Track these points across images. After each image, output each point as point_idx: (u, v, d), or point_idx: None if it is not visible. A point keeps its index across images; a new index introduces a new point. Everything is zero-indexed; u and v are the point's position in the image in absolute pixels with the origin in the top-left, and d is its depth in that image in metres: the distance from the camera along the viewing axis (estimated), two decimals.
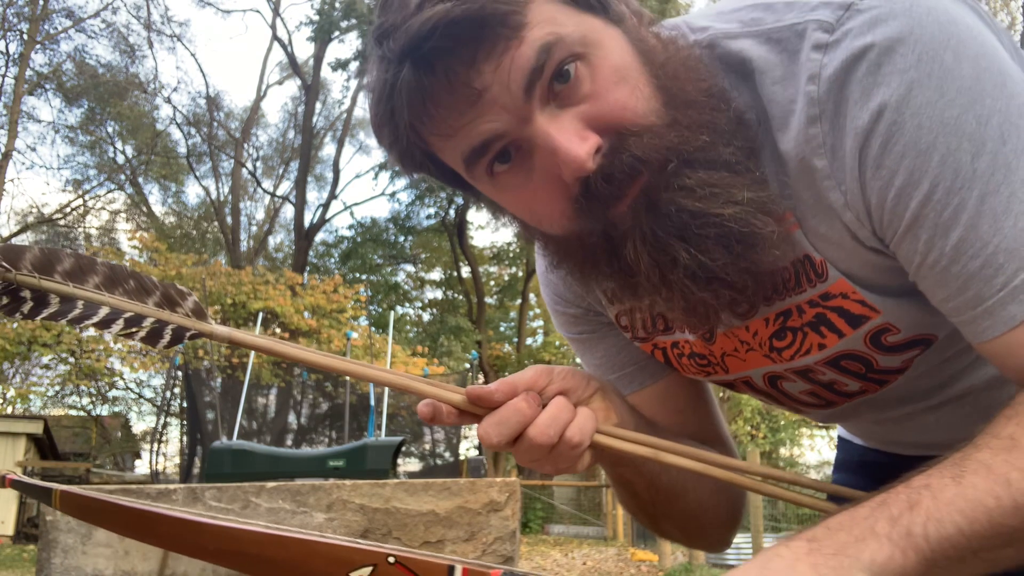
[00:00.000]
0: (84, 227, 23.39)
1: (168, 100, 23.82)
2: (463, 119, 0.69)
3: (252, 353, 10.69)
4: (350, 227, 24.96)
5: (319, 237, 24.65)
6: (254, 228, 26.57)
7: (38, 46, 20.48)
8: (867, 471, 1.04)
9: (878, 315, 0.74)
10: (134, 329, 0.70)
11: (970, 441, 0.64)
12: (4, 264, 0.68)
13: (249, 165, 25.13)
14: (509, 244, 23.49)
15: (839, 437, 1.16)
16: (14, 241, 21.83)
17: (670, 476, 0.86)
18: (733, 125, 0.70)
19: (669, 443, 0.77)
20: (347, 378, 10.98)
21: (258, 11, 32.83)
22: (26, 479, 0.74)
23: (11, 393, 17.55)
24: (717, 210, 0.67)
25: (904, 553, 0.58)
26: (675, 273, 0.69)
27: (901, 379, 0.82)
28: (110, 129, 22.98)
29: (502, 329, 24.68)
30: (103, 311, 0.70)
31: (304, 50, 31.45)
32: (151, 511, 0.68)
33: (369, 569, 0.64)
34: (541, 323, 24.84)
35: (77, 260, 0.71)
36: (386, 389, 10.09)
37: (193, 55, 40.46)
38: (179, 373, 12.19)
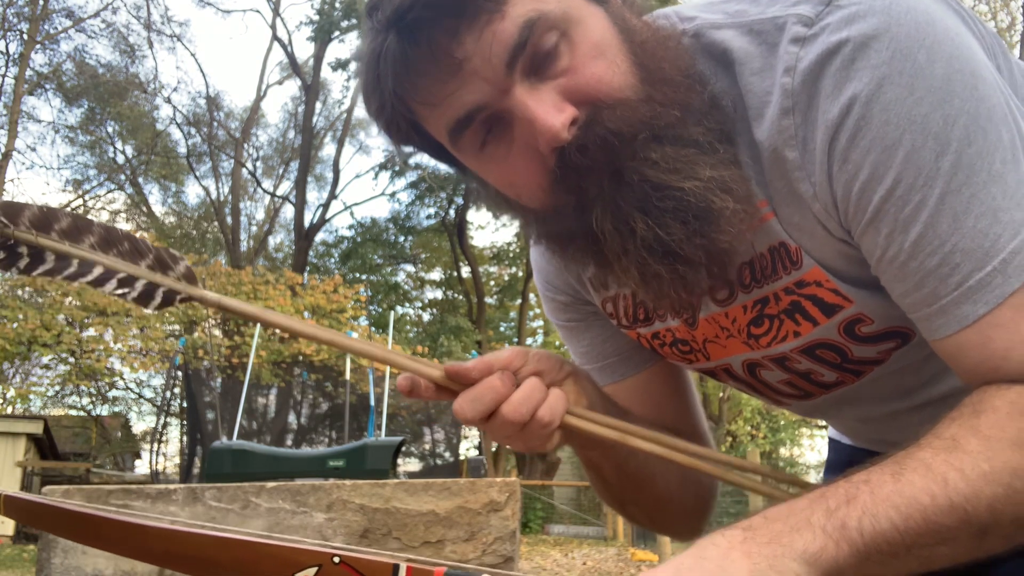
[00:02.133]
0: None
1: (168, 100, 23.83)
2: (445, 88, 0.70)
3: (252, 353, 10.70)
4: (350, 227, 24.98)
5: (319, 237, 24.66)
6: (254, 228, 26.58)
7: (38, 46, 20.48)
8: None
9: (851, 304, 0.75)
10: (127, 289, 0.72)
11: (915, 441, 0.65)
12: (3, 220, 0.70)
13: (249, 165, 25.13)
14: (509, 244, 23.50)
15: (830, 439, 1.16)
16: None
17: (637, 462, 0.88)
18: (707, 106, 0.72)
19: (636, 428, 0.80)
20: (347, 378, 11.01)
21: (258, 11, 32.81)
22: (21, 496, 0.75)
23: (11, 393, 17.55)
24: (678, 184, 0.69)
25: (837, 545, 0.59)
26: (633, 243, 0.71)
27: (881, 372, 0.82)
28: (110, 129, 22.98)
29: (502, 329, 24.67)
30: (97, 270, 0.71)
31: (304, 50, 31.49)
32: (93, 515, 0.68)
33: (314, 570, 0.64)
34: (541, 323, 24.83)
35: (74, 220, 0.72)
36: (386, 390, 10.09)
37: (193, 55, 40.43)
38: (179, 373, 12.19)
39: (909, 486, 0.61)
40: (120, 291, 0.72)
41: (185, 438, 12.37)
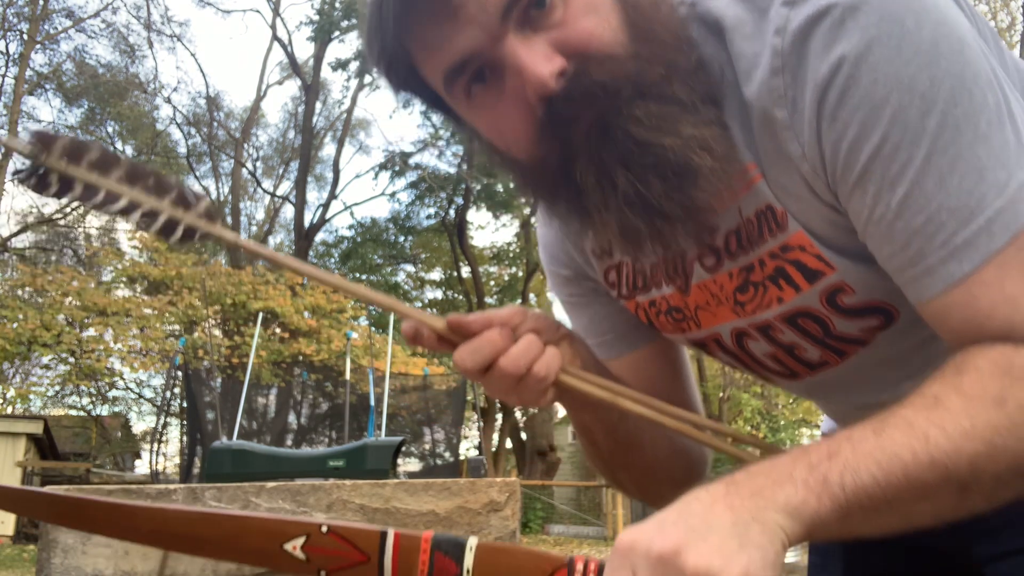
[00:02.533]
0: (84, 227, 23.39)
1: (168, 100, 23.88)
2: (442, 32, 0.73)
3: (252, 353, 10.70)
4: (350, 227, 24.98)
5: (319, 237, 24.65)
6: (254, 228, 26.56)
7: (38, 46, 20.49)
8: None
9: (833, 272, 0.76)
10: (150, 222, 0.76)
11: (899, 400, 0.66)
12: (37, 149, 0.73)
13: (249, 165, 25.13)
14: (509, 244, 23.51)
15: (822, 434, 1.16)
16: (13, 242, 21.86)
17: (627, 428, 0.90)
18: (692, 68, 0.73)
19: (627, 390, 0.82)
20: (347, 377, 11.01)
21: (258, 11, 32.80)
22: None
23: (11, 393, 17.56)
24: (659, 141, 0.71)
25: (819, 499, 0.60)
26: (614, 197, 0.73)
27: (865, 358, 0.82)
28: (110, 129, 22.98)
29: None
30: (123, 202, 0.75)
31: (304, 50, 31.46)
32: (84, 499, 0.70)
33: (303, 539, 0.65)
34: None
35: (103, 153, 0.76)
36: (386, 390, 10.09)
37: (193, 55, 40.45)
38: (179, 373, 12.18)
39: (890, 442, 0.62)
40: (144, 223, 0.76)
41: (185, 438, 12.36)
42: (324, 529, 0.66)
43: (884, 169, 0.67)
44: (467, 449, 17.07)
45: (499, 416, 19.99)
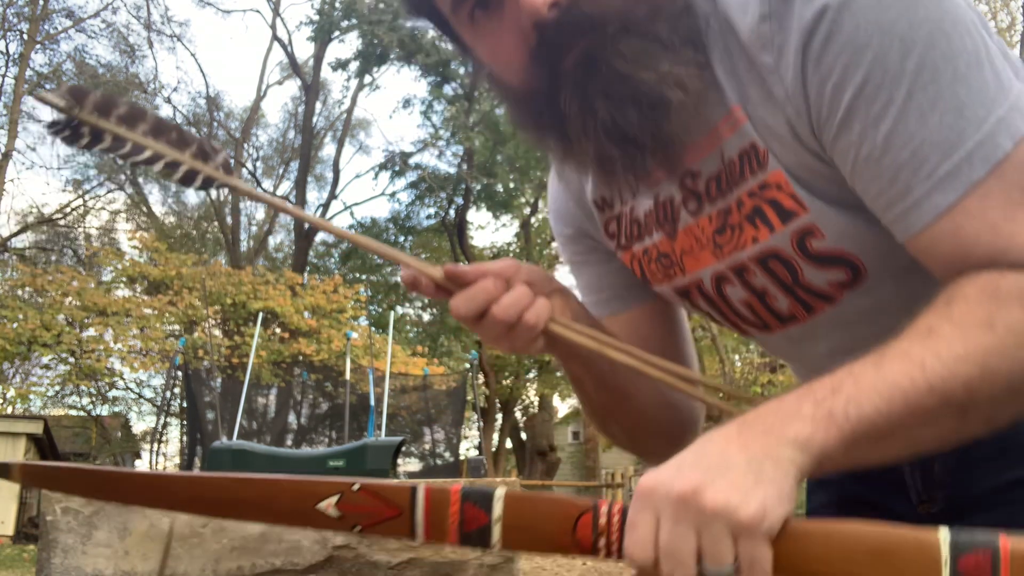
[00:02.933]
0: (84, 227, 23.40)
1: (168, 100, 23.85)
2: None
3: (252, 353, 10.70)
4: (350, 227, 24.96)
5: (319, 237, 24.64)
6: (254, 228, 26.58)
7: (38, 46, 20.49)
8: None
9: (806, 212, 0.79)
10: (172, 171, 0.83)
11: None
12: (71, 102, 0.80)
13: (249, 165, 25.13)
14: (509, 244, 23.50)
15: None
16: (13, 242, 21.86)
17: (617, 379, 0.94)
18: (679, 11, 0.79)
19: (613, 340, 0.87)
20: (347, 377, 11.00)
21: (258, 11, 32.86)
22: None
23: (11, 393, 17.55)
24: (637, 74, 0.76)
25: (826, 431, 0.64)
26: (593, 125, 0.78)
27: (834, 317, 0.85)
28: None
29: None
30: (147, 152, 0.83)
31: (304, 50, 31.46)
32: (113, 472, 0.74)
33: (336, 497, 0.68)
34: None
35: (131, 108, 0.83)
36: (386, 389, 10.10)
37: (193, 55, 40.50)
38: (179, 373, 12.18)
39: (890, 372, 0.66)
40: (166, 171, 0.83)
41: (185, 438, 12.36)
42: (356, 487, 0.69)
43: (867, 108, 0.71)
44: (467, 449, 17.06)
45: (499, 416, 19.99)
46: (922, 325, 0.69)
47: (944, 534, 0.59)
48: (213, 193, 23.98)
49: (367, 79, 22.23)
